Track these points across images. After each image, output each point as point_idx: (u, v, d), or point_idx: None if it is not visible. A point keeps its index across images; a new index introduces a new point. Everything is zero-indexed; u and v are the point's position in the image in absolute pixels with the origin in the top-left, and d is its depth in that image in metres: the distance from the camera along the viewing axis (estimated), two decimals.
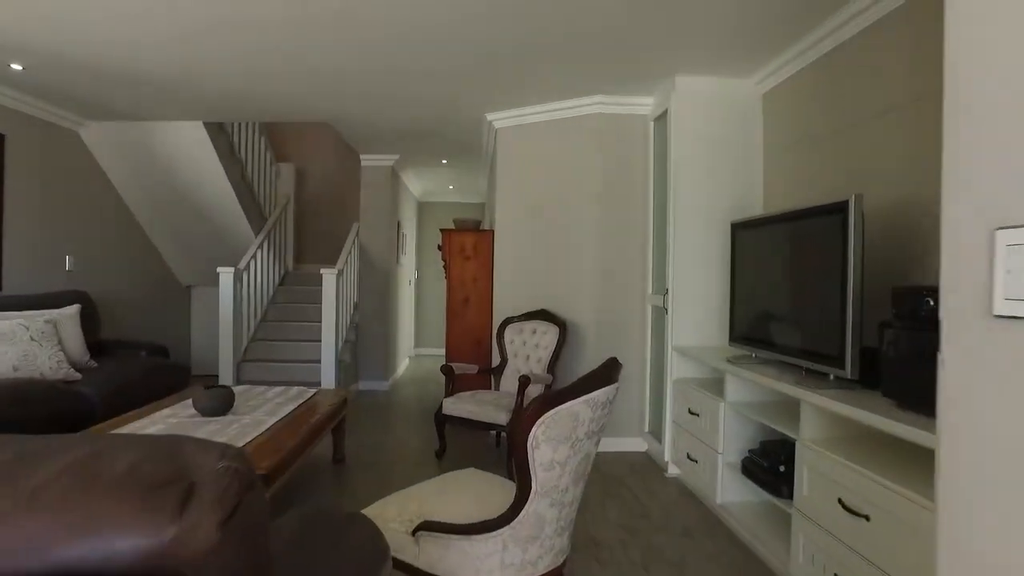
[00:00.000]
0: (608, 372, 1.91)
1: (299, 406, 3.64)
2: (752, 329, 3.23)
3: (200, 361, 7.18)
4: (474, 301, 5.21)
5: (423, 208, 9.98)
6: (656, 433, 4.26)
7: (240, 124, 6.27)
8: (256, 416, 3.29)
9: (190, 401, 3.38)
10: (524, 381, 3.93)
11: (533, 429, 1.76)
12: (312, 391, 4.05)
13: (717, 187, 3.96)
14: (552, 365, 4.36)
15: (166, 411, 3.35)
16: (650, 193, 4.44)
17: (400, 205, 7.72)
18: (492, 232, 5.19)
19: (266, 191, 7.06)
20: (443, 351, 10.20)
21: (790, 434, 2.53)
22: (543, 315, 4.59)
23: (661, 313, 4.17)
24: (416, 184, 8.73)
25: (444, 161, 7.13)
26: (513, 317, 4.70)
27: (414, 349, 9.79)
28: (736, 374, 3.05)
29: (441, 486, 2.33)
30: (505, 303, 4.94)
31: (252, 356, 6.22)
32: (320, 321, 5.79)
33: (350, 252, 6.44)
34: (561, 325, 4.44)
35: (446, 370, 4.34)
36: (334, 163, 8.14)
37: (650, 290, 4.43)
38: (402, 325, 8.26)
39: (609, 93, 4.42)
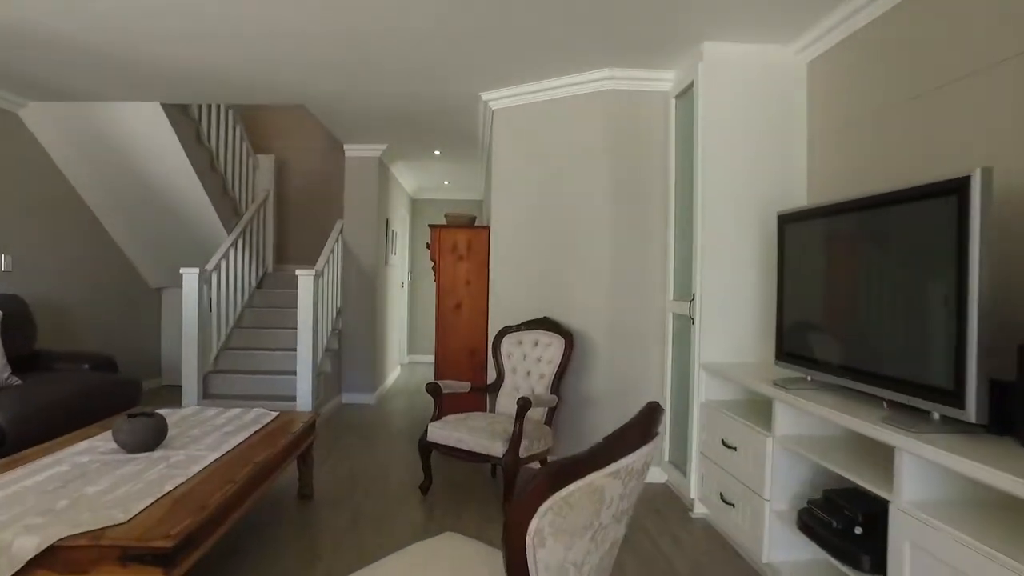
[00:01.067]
0: (646, 425, 1.29)
1: (252, 435, 3.01)
2: (807, 345, 2.60)
3: (172, 371, 6.56)
4: (468, 307, 4.59)
5: (417, 206, 9.35)
6: (679, 464, 3.63)
7: (209, 109, 5.64)
8: (193, 451, 2.67)
9: None
10: (524, 404, 3.30)
11: (535, 520, 1.13)
12: (272, 415, 3.42)
13: (753, 174, 3.34)
14: (557, 383, 3.74)
15: (83, 444, 2.72)
16: (671, 182, 3.81)
17: (389, 201, 7.09)
18: (488, 229, 4.57)
19: (242, 184, 6.44)
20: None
21: (874, 489, 1.90)
22: (546, 324, 3.96)
23: (685, 323, 3.53)
24: (409, 179, 8.11)
25: (437, 152, 6.51)
26: (512, 326, 4.07)
27: (407, 356, 9.17)
28: (790, 403, 2.42)
29: (410, 562, 1.70)
30: (503, 310, 4.31)
31: (222, 366, 5.60)
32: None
33: (332, 252, 5.82)
34: (567, 336, 3.81)
35: (432, 390, 3.72)
36: (319, 155, 7.52)
37: (671, 295, 3.80)
38: (392, 332, 7.64)
39: (621, 65, 3.79)
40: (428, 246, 5.01)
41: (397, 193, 7.69)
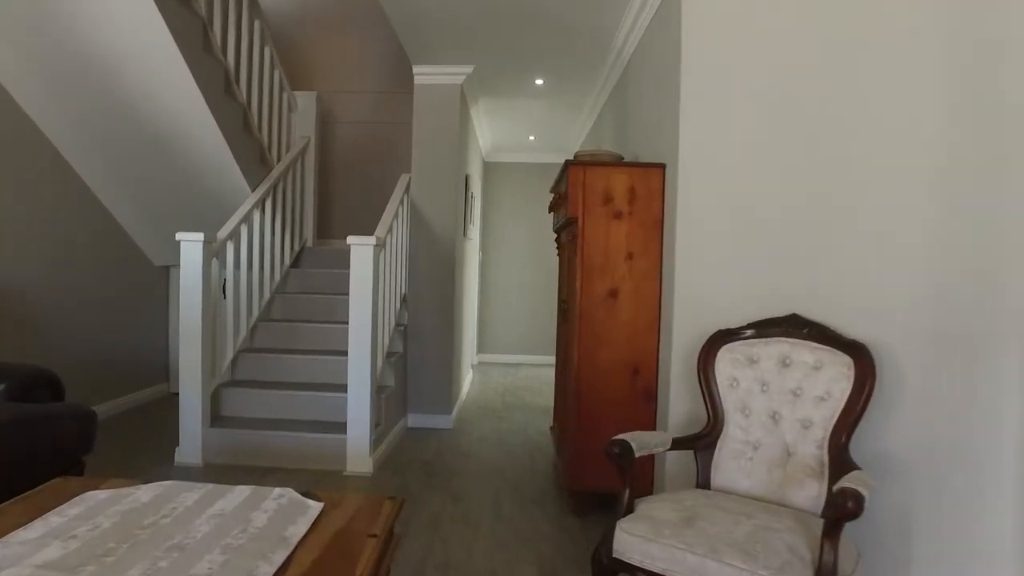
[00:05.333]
0: None
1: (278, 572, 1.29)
2: None
3: None
4: (629, 296, 2.80)
5: (489, 171, 7.59)
6: None
7: (223, 5, 3.94)
8: None
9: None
10: (847, 509, 1.50)
11: None
12: (315, 508, 1.69)
13: None
14: (841, 439, 1.94)
15: None
16: None
17: (468, 153, 5.34)
18: (663, 170, 2.78)
19: (273, 127, 4.75)
20: (518, 358, 7.84)
21: None
22: (804, 329, 2.16)
23: None
24: (485, 131, 6.34)
25: (539, 82, 4.72)
26: (735, 331, 2.28)
27: (476, 356, 7.44)
28: None
29: None
30: (693, 304, 2.54)
31: (241, 375, 3.94)
32: (349, 322, 3.47)
33: (396, 216, 4.10)
34: (857, 353, 2.01)
35: (621, 454, 1.94)
36: (374, 100, 5.83)
37: None
38: (468, 327, 5.91)
39: None
40: (555, 201, 3.25)
41: (474, 148, 5.93)
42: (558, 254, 3.66)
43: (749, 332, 2.27)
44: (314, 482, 3.25)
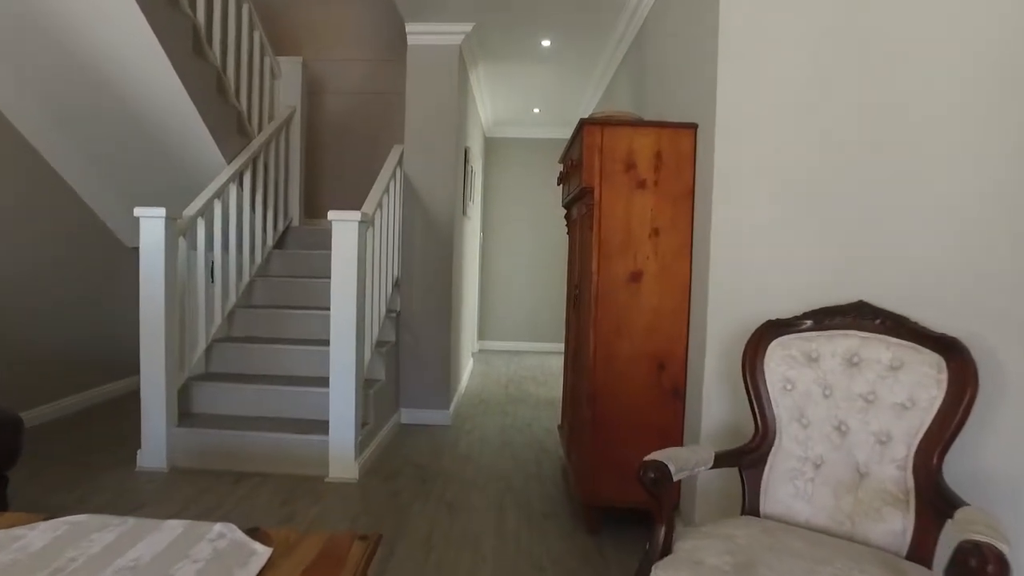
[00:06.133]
0: None
1: None
2: None
3: None
4: (654, 279, 2.39)
5: (490, 147, 7.14)
6: None
7: None
8: None
9: None
10: (985, 573, 1.09)
11: None
12: (262, 552, 1.29)
13: None
14: (933, 459, 1.54)
15: None
16: None
17: (468, 123, 4.90)
18: (694, 131, 2.36)
19: (254, 94, 4.32)
20: (521, 345, 7.38)
21: None
22: (879, 319, 1.75)
23: None
24: (486, 100, 5.89)
25: (546, 43, 4.27)
26: (792, 322, 1.87)
27: (477, 343, 7.05)
28: None
29: None
30: (739, 289, 2.13)
31: (217, 367, 3.55)
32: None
33: (387, 190, 3.68)
34: (951, 352, 1.59)
35: (655, 480, 1.53)
36: (365, 68, 5.39)
37: None
38: (467, 312, 5.50)
39: None
40: (567, 170, 2.83)
41: (474, 120, 5.49)
42: (568, 232, 3.24)
43: (807, 323, 1.85)
44: (291, 489, 2.87)
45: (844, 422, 1.72)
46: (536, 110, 6.14)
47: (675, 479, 1.56)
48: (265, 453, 3.08)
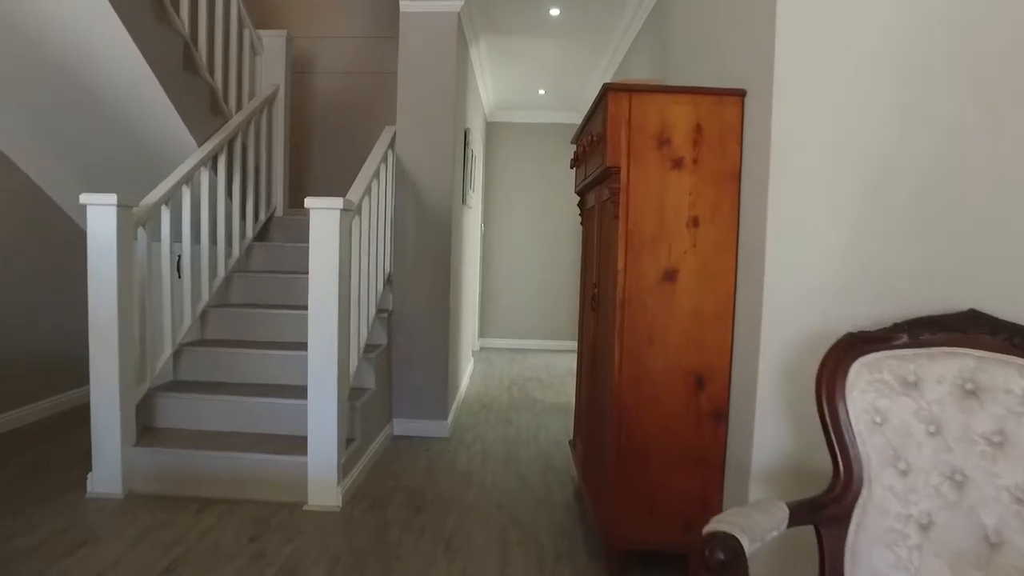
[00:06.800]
0: None
1: None
2: None
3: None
4: (692, 278, 1.98)
5: (492, 132, 6.71)
6: None
7: None
8: None
9: None
10: None
11: None
12: None
13: None
14: None
15: None
16: None
17: (468, 104, 4.48)
18: (741, 100, 1.94)
19: (231, 73, 3.89)
20: (525, 343, 6.94)
21: None
22: (1002, 335, 1.34)
23: None
24: (487, 80, 5.46)
25: (555, 12, 3.85)
26: (881, 336, 1.46)
27: (478, 340, 6.64)
28: None
29: None
30: (800, 292, 1.73)
31: (185, 375, 3.16)
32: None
33: (377, 176, 3.27)
34: None
35: (726, 558, 1.12)
36: (362, 35, 4.97)
37: None
38: (467, 311, 5.09)
39: None
40: (583, 149, 2.41)
41: (475, 100, 5.06)
42: (583, 223, 2.83)
43: (901, 338, 1.45)
44: (263, 520, 2.47)
45: (960, 470, 1.32)
46: (541, 91, 5.71)
47: (748, 552, 1.15)
48: (235, 476, 2.68)
